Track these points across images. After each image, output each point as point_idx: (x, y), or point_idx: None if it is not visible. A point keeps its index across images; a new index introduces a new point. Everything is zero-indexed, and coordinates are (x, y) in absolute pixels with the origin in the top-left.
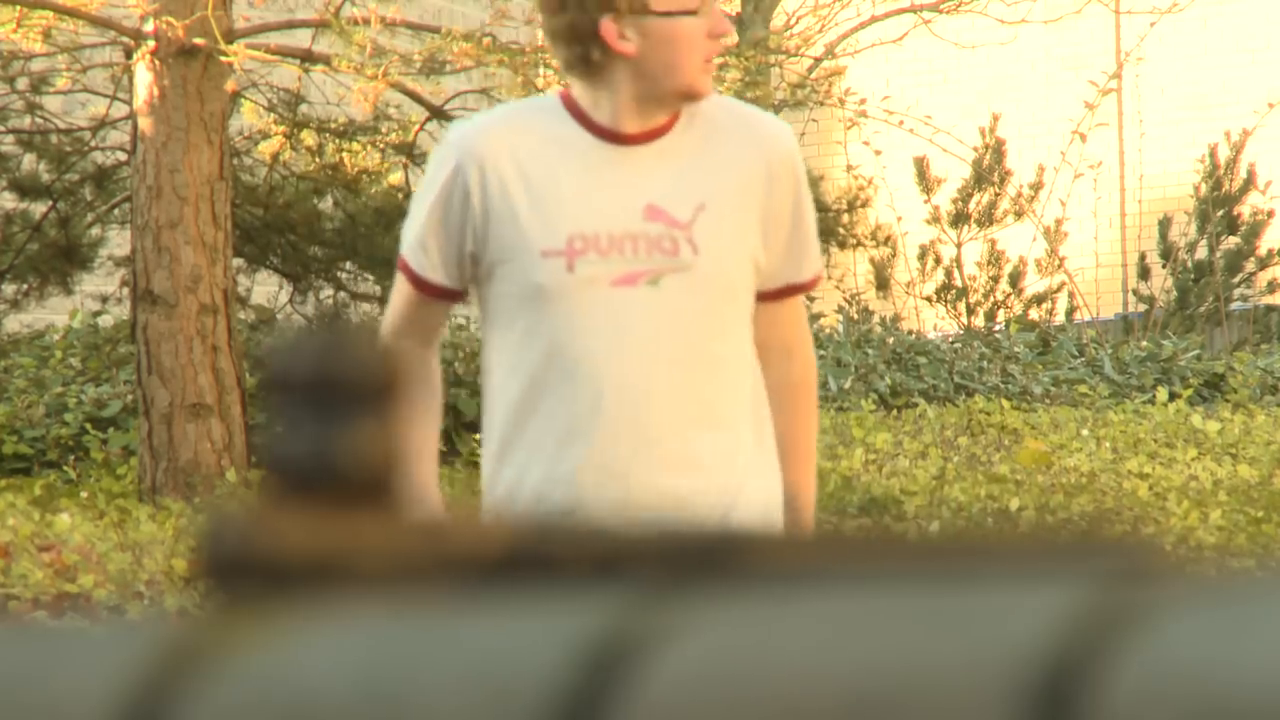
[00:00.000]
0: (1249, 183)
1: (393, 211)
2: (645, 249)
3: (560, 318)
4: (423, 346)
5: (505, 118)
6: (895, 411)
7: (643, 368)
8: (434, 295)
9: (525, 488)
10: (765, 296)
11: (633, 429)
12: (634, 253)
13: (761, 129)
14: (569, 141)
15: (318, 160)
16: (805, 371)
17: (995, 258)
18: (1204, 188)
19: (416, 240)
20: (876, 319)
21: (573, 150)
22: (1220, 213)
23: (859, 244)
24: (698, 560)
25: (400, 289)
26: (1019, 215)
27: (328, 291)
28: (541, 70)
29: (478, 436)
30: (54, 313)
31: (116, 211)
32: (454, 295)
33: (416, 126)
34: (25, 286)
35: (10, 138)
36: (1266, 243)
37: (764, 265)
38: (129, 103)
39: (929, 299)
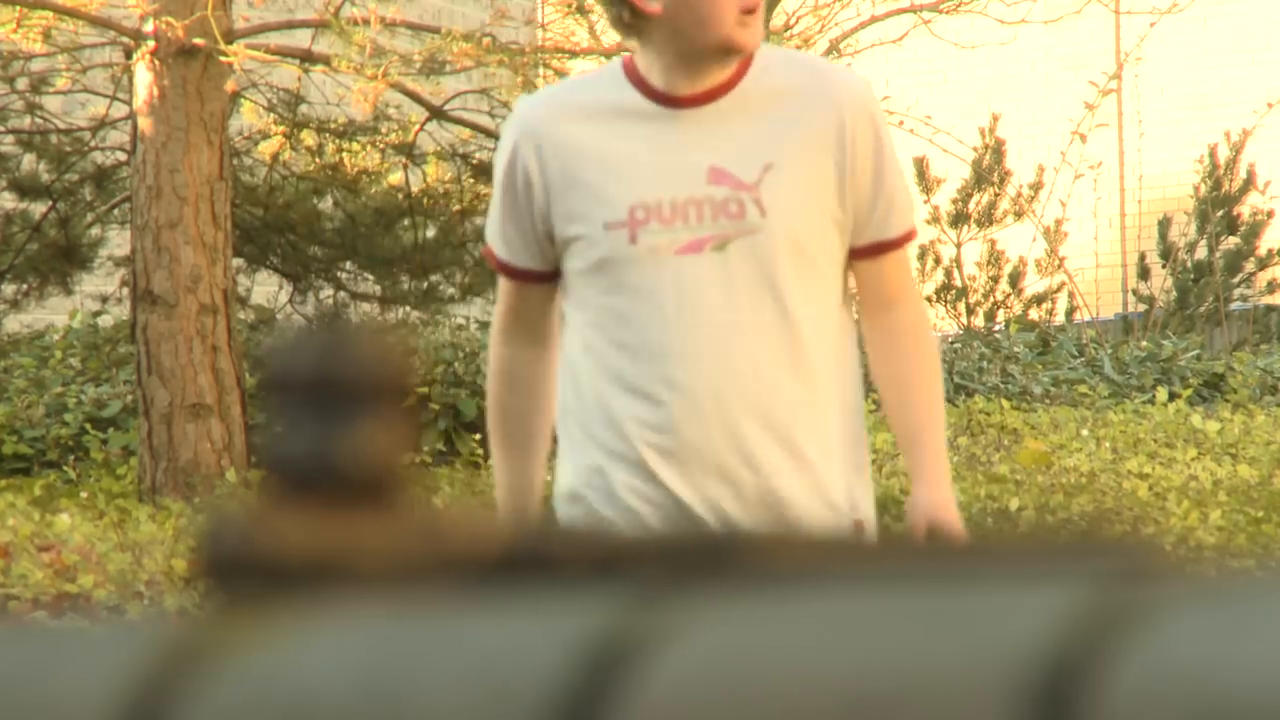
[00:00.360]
0: (1249, 183)
1: (392, 211)
2: (710, 214)
3: (627, 292)
4: (531, 345)
5: (562, 89)
6: None
7: (714, 338)
8: (525, 279)
9: (601, 469)
10: (856, 254)
11: (707, 403)
12: (698, 219)
13: (833, 82)
14: (628, 108)
15: (317, 160)
16: (910, 316)
17: (995, 258)
18: (1204, 188)
19: (496, 227)
20: None
21: (631, 117)
22: (1220, 213)
23: None
24: (698, 560)
25: (500, 284)
26: (1019, 215)
27: (327, 291)
28: (541, 70)
29: (478, 436)
30: (54, 313)
31: (116, 211)
32: (546, 277)
33: (416, 127)
34: (25, 286)
35: (10, 138)
36: (1266, 243)
37: (846, 223)
38: (129, 103)
39: (929, 299)
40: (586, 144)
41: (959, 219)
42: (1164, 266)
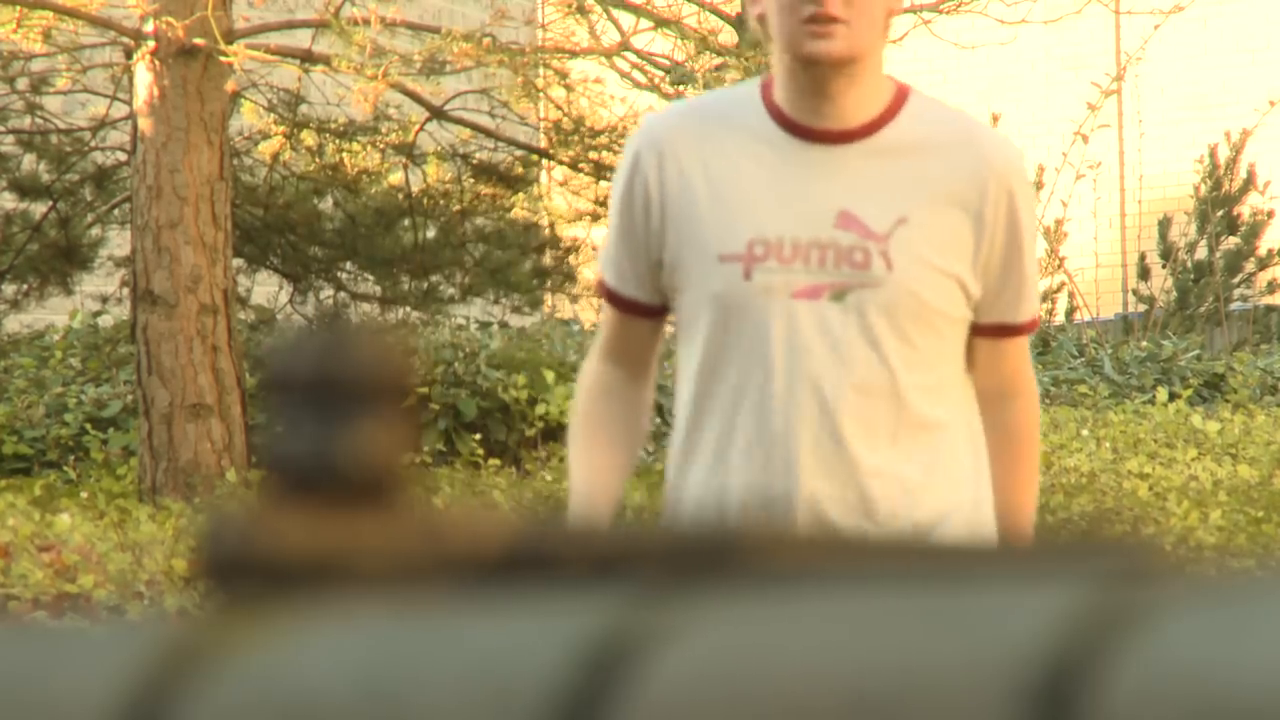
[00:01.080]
0: (1249, 183)
1: (393, 212)
2: (833, 260)
3: (734, 330)
4: (631, 375)
5: (694, 106)
6: None
7: (822, 393)
8: (630, 311)
9: (696, 506)
10: (976, 333)
11: (810, 460)
12: (820, 263)
13: (985, 144)
14: (759, 133)
15: (318, 160)
16: (1026, 417)
17: None
18: (1204, 188)
19: (609, 252)
20: None
21: (762, 143)
22: (1220, 213)
23: None
24: (698, 560)
25: (604, 309)
26: None
27: (328, 291)
28: (541, 70)
29: (477, 436)
30: (54, 313)
31: (116, 212)
32: (653, 312)
33: (416, 127)
34: (25, 287)
35: (10, 138)
36: (1266, 243)
37: (974, 296)
38: (129, 103)
39: None
40: (713, 167)
41: None
42: (1164, 266)
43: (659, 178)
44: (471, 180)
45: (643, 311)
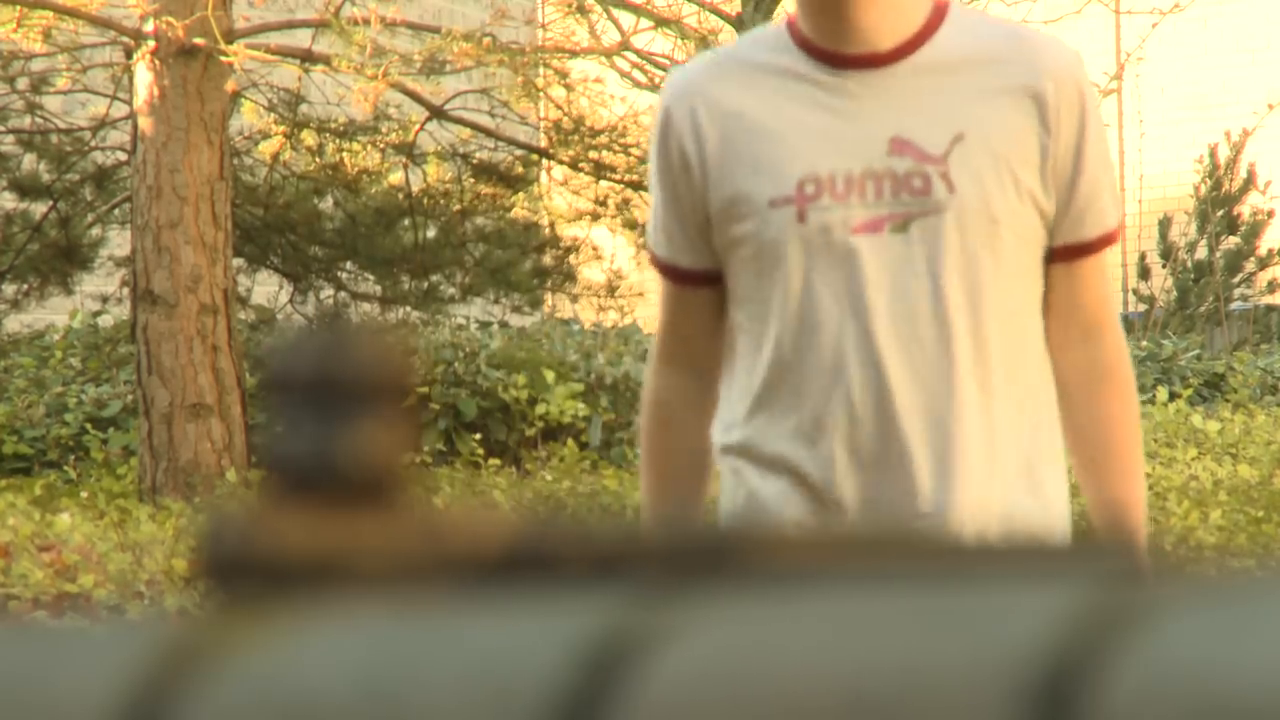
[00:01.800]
0: (1249, 183)
1: (393, 211)
2: (890, 189)
3: (794, 278)
4: (690, 372)
5: (719, 53)
6: None
7: (899, 329)
8: (687, 282)
9: (767, 491)
10: (1051, 259)
11: (882, 410)
12: (876, 194)
13: (1038, 48)
14: (793, 71)
15: (318, 160)
16: (1114, 353)
17: None
18: (1204, 188)
19: (655, 221)
20: None
21: (798, 80)
22: (1220, 213)
23: None
24: (698, 560)
25: (660, 295)
26: None
27: (328, 291)
28: (541, 70)
29: (477, 436)
30: (54, 313)
31: (116, 211)
32: (710, 279)
33: (416, 126)
34: (25, 286)
35: (10, 138)
36: (1266, 242)
37: (1049, 210)
38: (129, 103)
39: None
40: (747, 109)
41: None
42: (1164, 266)
43: (694, 131)
44: (471, 180)
45: (701, 280)
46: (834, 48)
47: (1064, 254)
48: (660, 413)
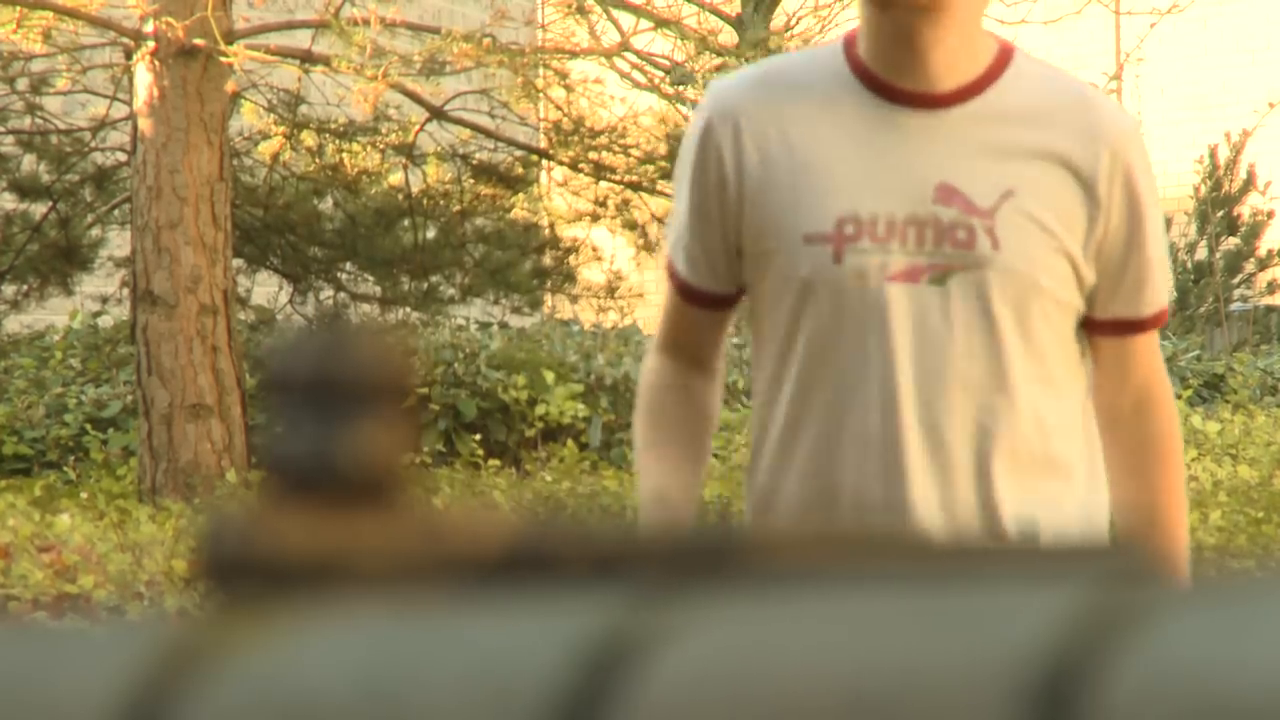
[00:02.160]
0: (1249, 183)
1: (392, 212)
2: (933, 238)
3: (824, 320)
4: (693, 365)
5: (769, 69)
6: None
7: (924, 388)
8: (700, 304)
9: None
10: (1095, 330)
11: (909, 463)
12: (918, 242)
13: (1100, 113)
14: (845, 100)
15: (317, 161)
16: (1169, 426)
17: None
18: (1204, 188)
19: (677, 236)
20: None
21: (849, 111)
22: (1220, 213)
23: None
24: (698, 560)
25: (667, 294)
26: None
27: (327, 292)
28: (541, 71)
29: (477, 437)
30: (54, 313)
31: (116, 212)
32: (725, 302)
33: (416, 127)
34: (25, 287)
35: (10, 138)
36: (1266, 243)
37: (1088, 281)
38: (129, 103)
39: None
40: (792, 135)
41: None
42: None
43: (735, 151)
44: (471, 181)
45: (713, 302)
46: (894, 81)
47: (1114, 328)
48: (664, 388)
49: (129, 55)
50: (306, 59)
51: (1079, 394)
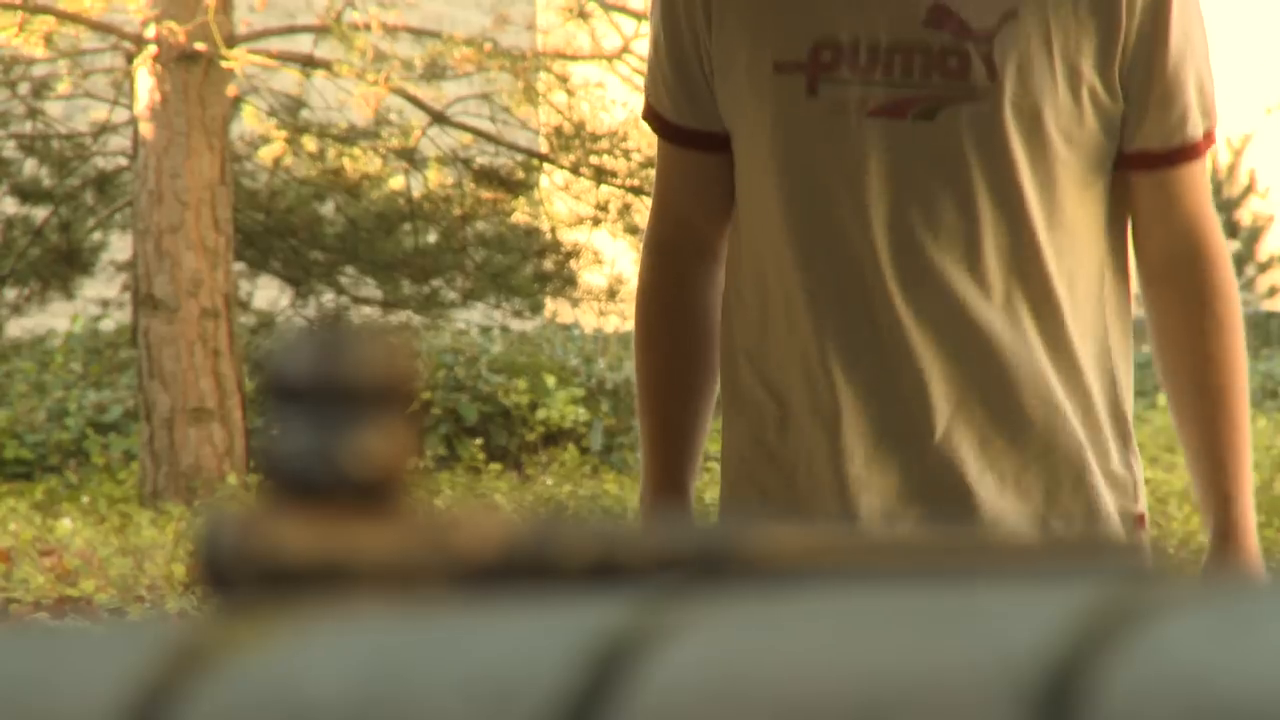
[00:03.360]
0: (1249, 188)
1: (394, 216)
2: (921, 66)
3: (796, 160)
4: (691, 249)
5: None
6: None
7: (910, 239)
8: (688, 144)
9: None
10: (1130, 165)
11: (891, 331)
12: (904, 71)
13: None
14: None
15: (319, 165)
16: (1219, 283)
17: None
18: None
19: (652, 71)
20: None
21: None
22: (1221, 217)
23: None
24: (698, 560)
25: (657, 161)
26: None
27: (329, 296)
28: (542, 75)
29: (478, 441)
30: (55, 317)
31: (118, 216)
32: (713, 143)
33: (417, 131)
34: (26, 291)
35: (12, 143)
36: (1266, 248)
37: (1114, 110)
38: (130, 108)
39: None
40: None
41: None
42: None
43: None
44: (472, 185)
45: (704, 143)
46: None
47: (1144, 161)
48: (653, 311)
49: (130, 60)
50: (308, 63)
51: (1099, 256)
